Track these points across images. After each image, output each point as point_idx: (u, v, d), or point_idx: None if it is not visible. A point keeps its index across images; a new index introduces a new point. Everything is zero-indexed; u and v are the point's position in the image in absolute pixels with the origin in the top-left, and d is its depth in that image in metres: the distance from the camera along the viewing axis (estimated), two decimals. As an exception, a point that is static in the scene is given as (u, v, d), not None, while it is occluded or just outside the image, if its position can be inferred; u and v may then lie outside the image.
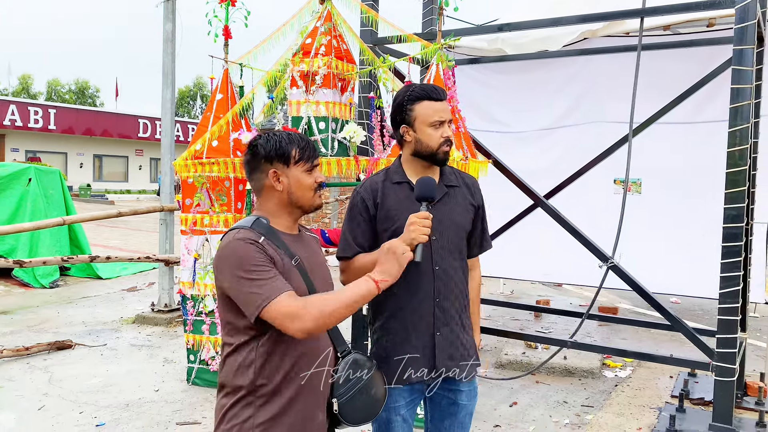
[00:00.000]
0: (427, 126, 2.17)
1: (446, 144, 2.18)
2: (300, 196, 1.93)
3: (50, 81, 51.24)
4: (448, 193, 2.26)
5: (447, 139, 2.18)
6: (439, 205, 2.20)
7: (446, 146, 2.19)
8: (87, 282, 9.26)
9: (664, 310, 4.02)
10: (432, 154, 2.20)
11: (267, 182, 1.92)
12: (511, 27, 4.56)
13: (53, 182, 9.42)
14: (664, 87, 4.84)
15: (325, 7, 4.19)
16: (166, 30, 7.07)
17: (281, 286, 1.76)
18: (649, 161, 5.54)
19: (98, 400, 4.54)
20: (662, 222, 5.69)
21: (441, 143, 2.18)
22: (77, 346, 5.88)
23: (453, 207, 2.25)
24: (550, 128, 6.19)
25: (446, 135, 2.18)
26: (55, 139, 30.31)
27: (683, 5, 3.89)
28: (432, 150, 2.19)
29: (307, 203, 1.95)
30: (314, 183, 1.95)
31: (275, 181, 1.91)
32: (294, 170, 1.91)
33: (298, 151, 1.91)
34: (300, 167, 1.92)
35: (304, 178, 1.92)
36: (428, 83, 2.22)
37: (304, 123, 4.07)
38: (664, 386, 4.98)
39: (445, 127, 2.19)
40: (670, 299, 7.86)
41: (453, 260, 2.24)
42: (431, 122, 2.17)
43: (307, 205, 1.96)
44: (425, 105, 2.17)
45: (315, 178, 1.95)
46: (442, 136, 2.17)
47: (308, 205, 1.96)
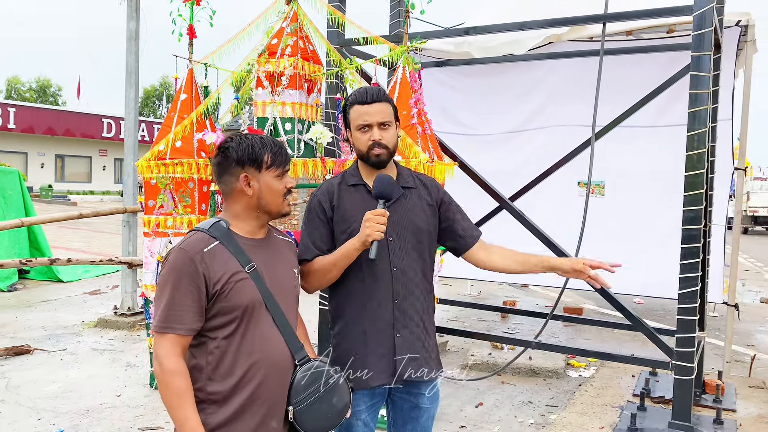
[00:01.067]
0: (356, 130, 2.20)
1: (375, 147, 2.17)
2: (269, 201, 1.93)
3: (10, 79, 49.90)
4: (405, 194, 2.25)
5: (375, 143, 2.17)
6: (395, 205, 2.20)
7: (376, 149, 2.17)
8: (47, 285, 9.03)
9: (625, 310, 4.09)
10: (364, 158, 2.22)
11: (237, 186, 1.91)
12: (478, 30, 4.60)
13: (12, 183, 9.16)
14: (626, 91, 4.93)
15: (291, 8, 4.16)
16: (130, 29, 6.94)
17: (186, 320, 1.78)
18: (612, 164, 5.64)
19: (57, 406, 4.42)
20: (625, 223, 5.79)
21: (369, 147, 2.18)
22: (36, 351, 5.73)
23: (410, 208, 2.24)
24: (516, 131, 6.25)
25: (374, 138, 2.17)
26: (14, 139, 29.51)
27: (644, 12, 3.98)
28: (362, 153, 2.21)
29: (276, 209, 1.95)
30: (284, 188, 1.94)
31: (246, 186, 1.90)
32: (265, 175, 1.91)
33: (270, 156, 1.91)
34: (271, 172, 1.92)
35: (274, 184, 1.92)
36: (364, 87, 2.23)
37: (270, 124, 4.03)
38: (627, 385, 5.07)
39: (374, 130, 2.17)
40: (634, 300, 8.01)
41: (411, 261, 2.22)
42: (358, 126, 2.19)
43: (275, 210, 1.95)
44: (355, 109, 2.20)
45: (285, 183, 1.95)
46: (370, 140, 2.17)
47: (276, 211, 1.96)
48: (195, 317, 1.79)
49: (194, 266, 1.79)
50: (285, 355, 1.91)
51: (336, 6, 4.44)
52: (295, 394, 1.89)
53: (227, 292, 1.81)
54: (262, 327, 1.86)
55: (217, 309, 1.82)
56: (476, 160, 4.80)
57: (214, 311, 1.82)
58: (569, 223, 4.64)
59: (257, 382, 1.84)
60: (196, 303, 1.79)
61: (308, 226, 2.25)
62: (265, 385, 1.85)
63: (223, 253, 1.84)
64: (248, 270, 1.85)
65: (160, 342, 1.78)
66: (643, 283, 5.74)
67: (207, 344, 1.83)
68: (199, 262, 1.79)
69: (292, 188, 1.97)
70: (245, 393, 1.83)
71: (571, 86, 5.81)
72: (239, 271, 1.84)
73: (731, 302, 5.29)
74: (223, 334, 1.83)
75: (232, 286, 1.81)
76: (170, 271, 1.81)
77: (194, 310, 1.79)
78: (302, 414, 1.89)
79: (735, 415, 4.44)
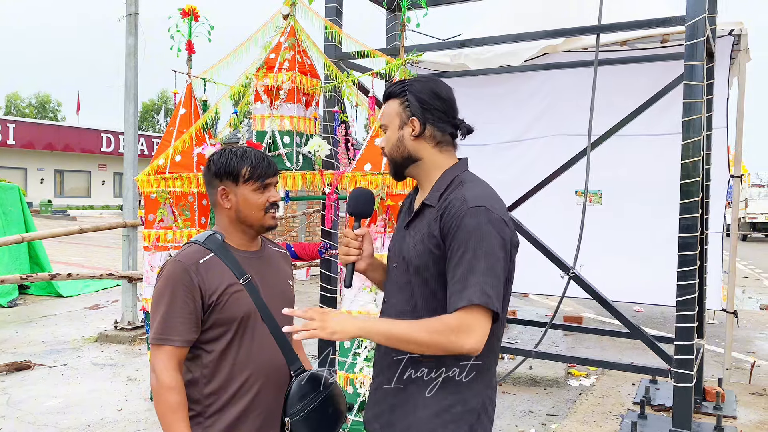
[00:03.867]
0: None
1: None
2: (248, 215, 1.92)
3: (9, 95, 50.10)
4: (421, 213, 1.77)
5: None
6: (409, 227, 1.79)
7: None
8: (48, 300, 9.04)
9: (623, 318, 4.10)
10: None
11: (217, 199, 1.94)
12: (474, 43, 4.65)
13: (12, 199, 9.19)
14: (621, 101, 4.97)
15: (288, 23, 4.20)
16: (129, 44, 7.00)
17: (182, 331, 1.80)
18: (609, 173, 5.68)
19: (58, 422, 4.42)
20: (623, 232, 5.82)
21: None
22: (37, 366, 5.73)
23: (413, 233, 1.76)
24: (512, 141, 6.29)
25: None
26: (14, 154, 29.58)
27: (637, 23, 4.02)
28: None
29: (256, 222, 1.94)
30: (265, 202, 1.92)
31: (224, 199, 1.92)
32: (242, 189, 1.91)
33: (248, 169, 1.90)
34: (249, 186, 1.91)
35: (252, 197, 1.91)
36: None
37: (269, 137, 4.07)
38: (627, 393, 5.07)
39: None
40: (634, 308, 8.02)
41: (402, 298, 1.77)
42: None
43: (257, 224, 1.94)
44: None
45: (267, 197, 1.93)
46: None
47: (257, 225, 1.94)
48: (191, 328, 1.81)
49: (189, 277, 1.81)
50: (281, 366, 1.92)
51: (333, 20, 4.49)
52: (290, 405, 1.88)
53: (223, 304, 1.83)
54: (258, 338, 1.88)
55: (213, 321, 1.83)
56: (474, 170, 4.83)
57: (209, 323, 1.84)
58: (567, 232, 4.66)
59: (253, 394, 1.86)
60: (191, 314, 1.81)
61: None
62: (261, 397, 1.87)
63: (218, 265, 1.86)
64: (243, 282, 1.87)
65: (156, 354, 1.80)
66: (642, 290, 5.77)
67: (202, 357, 1.85)
68: (195, 274, 1.81)
69: (276, 201, 1.96)
70: (241, 405, 1.85)
71: (567, 96, 5.86)
72: (234, 283, 1.86)
73: (730, 309, 5.30)
74: (219, 346, 1.85)
75: (227, 298, 1.83)
76: (166, 282, 1.83)
77: (190, 322, 1.81)
78: (298, 425, 1.89)
79: (736, 422, 4.45)
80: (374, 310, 3.82)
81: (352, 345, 3.91)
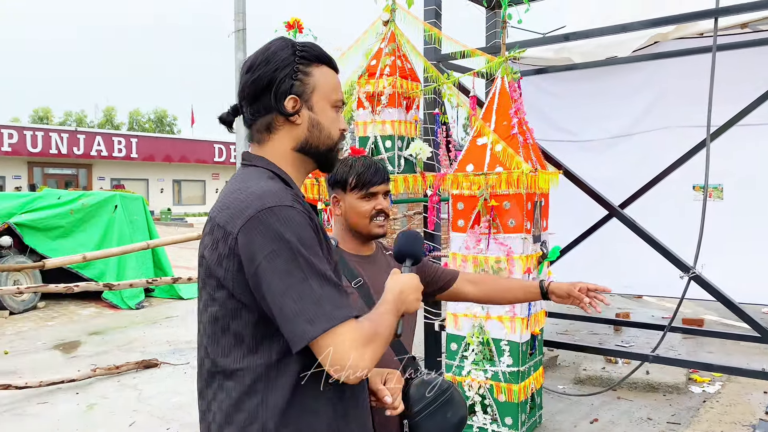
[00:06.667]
0: None
1: None
2: (355, 222, 1.98)
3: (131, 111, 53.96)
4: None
5: None
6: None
7: None
8: (170, 302, 9.66)
9: (752, 321, 3.82)
10: None
11: (332, 206, 2.04)
12: (578, 36, 4.48)
13: (137, 208, 9.93)
14: (743, 87, 4.63)
15: (388, 29, 4.26)
16: (238, 59, 7.36)
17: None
18: (730, 165, 5.29)
19: (182, 417, 4.71)
20: (748, 228, 5.40)
21: None
22: (163, 364, 6.14)
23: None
24: (619, 136, 6.02)
25: None
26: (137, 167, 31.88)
27: (759, 2, 3.72)
28: None
29: (363, 230, 1.98)
30: (370, 210, 1.96)
31: (336, 206, 2.02)
32: (349, 196, 1.98)
33: (355, 178, 1.97)
34: (354, 194, 1.97)
35: (358, 205, 1.97)
36: None
37: (371, 143, 4.14)
38: (757, 402, 4.71)
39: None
40: (762, 310, 7.43)
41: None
42: None
43: (364, 231, 1.98)
44: None
45: (374, 205, 1.97)
46: None
47: (364, 232, 1.99)
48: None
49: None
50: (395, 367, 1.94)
51: (432, 23, 4.50)
52: (415, 404, 1.85)
53: None
54: None
55: None
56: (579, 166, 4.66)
57: None
58: (685, 230, 4.40)
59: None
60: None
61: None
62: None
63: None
64: (355, 285, 1.91)
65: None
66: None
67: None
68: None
69: (383, 209, 1.98)
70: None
71: (679, 85, 5.52)
72: (346, 286, 1.90)
73: None
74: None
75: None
76: None
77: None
78: (417, 428, 1.89)
79: None
80: (480, 312, 3.79)
81: (459, 348, 3.89)
